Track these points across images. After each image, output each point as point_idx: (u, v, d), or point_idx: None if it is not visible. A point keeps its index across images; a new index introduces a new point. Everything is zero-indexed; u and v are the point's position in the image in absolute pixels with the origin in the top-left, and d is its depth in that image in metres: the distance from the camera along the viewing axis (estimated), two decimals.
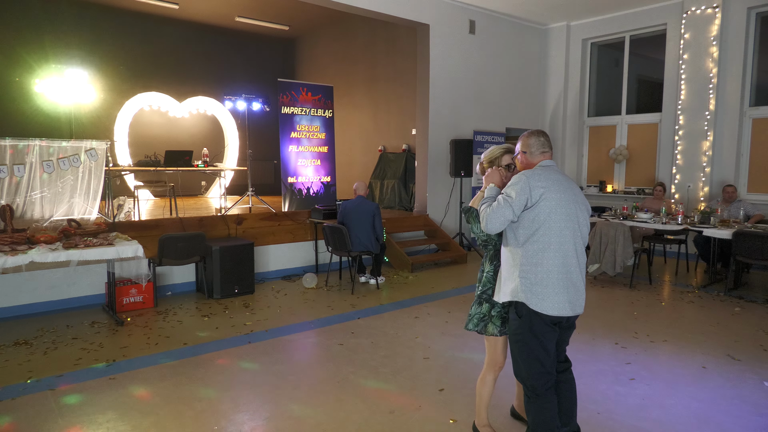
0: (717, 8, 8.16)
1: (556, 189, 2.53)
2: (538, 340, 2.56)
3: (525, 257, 2.53)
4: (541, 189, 2.50)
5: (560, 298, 2.51)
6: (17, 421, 3.25)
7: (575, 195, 2.61)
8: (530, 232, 2.52)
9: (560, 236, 2.51)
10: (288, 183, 8.36)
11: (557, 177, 2.59)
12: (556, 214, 2.50)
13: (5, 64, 9.91)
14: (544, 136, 2.71)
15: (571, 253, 2.54)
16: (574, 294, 2.55)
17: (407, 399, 3.54)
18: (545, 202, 2.49)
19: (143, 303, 5.69)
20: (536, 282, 2.51)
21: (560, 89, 10.41)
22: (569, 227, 2.53)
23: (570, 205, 2.55)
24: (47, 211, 5.68)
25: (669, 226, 6.71)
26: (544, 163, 2.65)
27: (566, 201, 2.54)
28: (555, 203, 2.51)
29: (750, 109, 8.21)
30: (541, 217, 2.50)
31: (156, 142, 11.02)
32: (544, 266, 2.50)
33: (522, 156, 2.72)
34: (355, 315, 5.49)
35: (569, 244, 2.53)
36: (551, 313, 2.50)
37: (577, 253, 2.57)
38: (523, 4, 9.15)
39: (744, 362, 4.19)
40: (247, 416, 3.31)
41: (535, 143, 2.68)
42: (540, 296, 2.50)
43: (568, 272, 2.53)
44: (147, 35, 11.85)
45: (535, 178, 2.53)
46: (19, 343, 4.61)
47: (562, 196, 2.53)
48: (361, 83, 11.83)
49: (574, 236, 2.56)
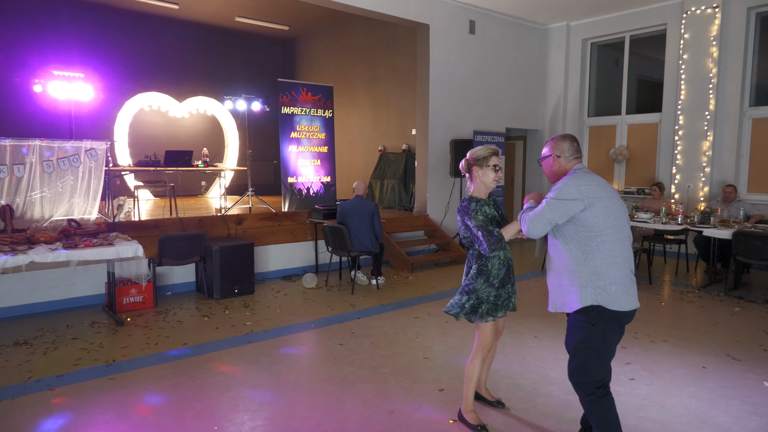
0: (717, 8, 8.16)
1: (604, 190, 2.56)
2: (608, 344, 2.58)
3: (593, 261, 2.52)
4: (593, 191, 2.52)
5: (631, 291, 2.56)
6: (17, 421, 3.25)
7: (617, 193, 2.66)
8: (593, 234, 2.52)
9: (619, 233, 2.54)
10: (288, 183, 8.36)
11: (599, 179, 2.62)
12: (613, 213, 2.53)
13: (5, 64, 9.91)
14: (576, 141, 2.74)
15: (628, 248, 2.59)
16: (635, 287, 2.62)
17: (407, 399, 3.54)
18: (600, 203, 2.51)
19: (143, 303, 5.69)
20: (611, 282, 2.51)
21: (560, 89, 10.41)
22: (624, 225, 2.58)
23: (618, 202, 2.60)
24: (47, 211, 5.67)
25: (669, 226, 6.71)
26: (578, 167, 2.68)
27: (615, 199, 2.59)
28: (609, 202, 2.54)
29: (750, 109, 8.21)
30: (599, 219, 2.50)
31: (156, 142, 11.03)
32: (614, 266, 2.52)
33: (554, 160, 2.72)
34: (355, 315, 5.49)
35: (626, 241, 2.58)
36: (629, 308, 2.53)
37: (630, 249, 2.63)
38: (523, 4, 9.16)
39: (744, 362, 4.19)
40: (247, 416, 3.31)
41: (569, 148, 2.70)
42: (616, 296, 2.51)
43: (630, 267, 2.59)
44: (147, 35, 11.85)
45: (583, 181, 2.55)
46: (19, 343, 4.61)
47: (611, 194, 2.58)
48: (361, 83, 11.83)
49: (628, 233, 2.60)
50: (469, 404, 3.15)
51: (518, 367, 4.08)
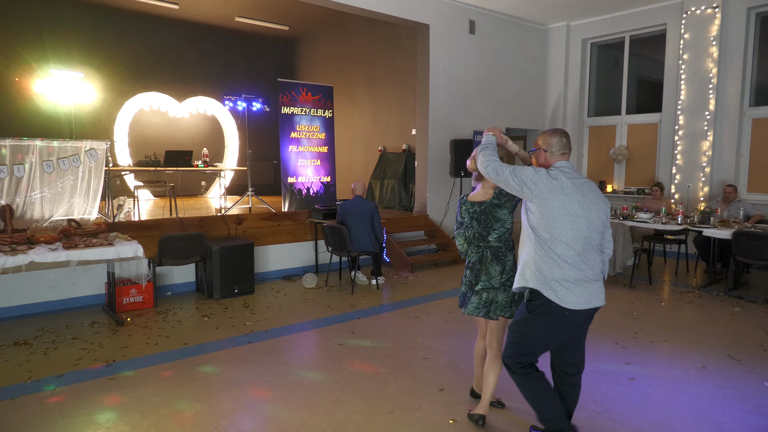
0: (717, 8, 8.16)
1: (565, 191, 2.59)
2: (544, 336, 2.72)
3: (540, 252, 2.63)
4: (547, 189, 2.59)
5: (577, 292, 2.58)
6: (17, 421, 3.25)
7: (585, 196, 2.63)
8: (542, 229, 2.61)
9: (566, 236, 2.58)
10: (288, 183, 8.36)
11: (567, 182, 2.62)
12: (561, 214, 2.57)
13: (5, 64, 9.91)
14: (566, 136, 2.74)
15: (580, 251, 2.59)
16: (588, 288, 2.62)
17: (407, 399, 3.54)
18: (551, 203, 2.58)
19: (143, 303, 5.69)
20: (554, 280, 2.59)
21: (560, 89, 10.41)
22: (577, 227, 2.59)
23: (575, 206, 2.59)
24: (47, 211, 5.68)
25: (669, 226, 6.71)
26: (559, 164, 2.69)
27: (578, 204, 2.59)
28: (561, 206, 2.57)
29: (750, 109, 8.20)
30: (547, 218, 2.58)
31: (156, 142, 11.02)
32: (558, 266, 2.59)
33: (542, 154, 2.75)
34: (355, 315, 5.49)
35: (580, 245, 2.59)
36: (571, 306, 2.58)
37: (590, 252, 2.63)
38: (523, 4, 9.15)
39: (744, 362, 4.19)
40: (247, 416, 3.31)
41: (557, 143, 2.71)
42: (558, 291, 2.58)
43: (582, 269, 2.59)
44: (147, 35, 11.85)
45: (544, 175, 2.63)
46: (19, 343, 4.61)
47: (574, 198, 2.59)
48: (361, 83, 11.83)
49: (584, 237, 2.60)
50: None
51: None
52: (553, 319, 2.64)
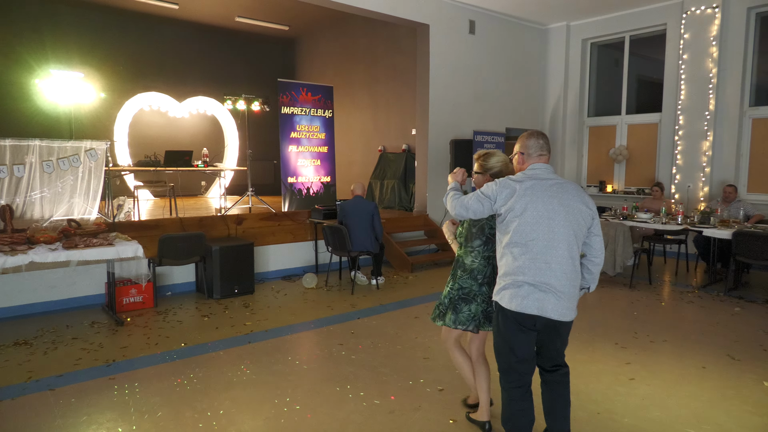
0: (717, 8, 8.16)
1: (529, 197, 2.50)
2: (507, 341, 2.63)
3: (501, 258, 2.61)
4: (508, 194, 2.53)
5: (525, 294, 2.48)
6: (17, 421, 3.25)
7: (555, 198, 2.51)
8: (502, 228, 2.58)
9: (530, 238, 2.48)
10: (288, 183, 8.36)
11: (534, 182, 2.54)
12: (529, 219, 2.48)
13: (5, 64, 9.91)
14: (543, 138, 2.67)
15: (538, 258, 2.47)
16: (545, 296, 2.48)
17: (407, 399, 3.54)
18: (516, 208, 2.50)
19: (143, 303, 5.69)
20: (507, 284, 2.54)
21: (560, 89, 10.41)
22: (537, 228, 2.48)
23: (539, 207, 2.49)
24: (47, 211, 5.68)
25: (669, 226, 6.71)
26: (534, 166, 2.62)
27: (543, 208, 2.49)
28: (528, 211, 2.48)
29: (750, 109, 8.21)
30: (509, 215, 2.52)
31: (156, 142, 11.02)
32: (512, 271, 2.52)
33: (519, 156, 2.70)
34: (355, 315, 5.49)
35: (542, 247, 2.47)
36: (517, 310, 2.50)
37: (544, 255, 2.48)
38: (523, 4, 9.15)
39: (744, 362, 4.19)
40: (247, 416, 3.31)
41: (534, 145, 2.65)
42: (507, 296, 2.53)
43: (536, 275, 2.48)
44: (147, 35, 11.85)
45: (506, 183, 2.57)
46: (19, 343, 4.61)
47: (540, 202, 2.49)
48: (361, 83, 11.83)
49: (550, 240, 2.47)
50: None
51: None
52: (504, 323, 2.57)
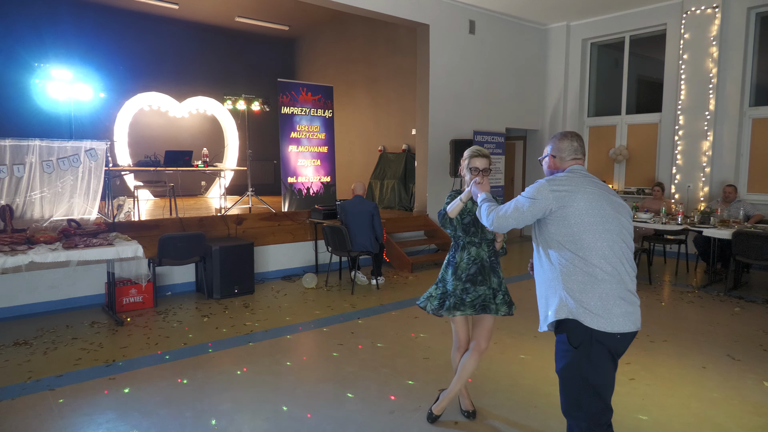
0: (717, 8, 8.15)
1: (584, 190, 2.24)
2: (598, 371, 2.18)
3: (572, 269, 2.19)
4: (565, 192, 2.22)
5: (616, 311, 2.13)
6: (17, 421, 3.25)
7: (610, 195, 2.30)
8: (567, 238, 2.20)
9: (602, 240, 2.17)
10: (288, 183, 8.36)
11: (583, 180, 2.28)
12: (590, 216, 2.19)
13: (5, 64, 9.91)
14: (578, 140, 2.42)
15: (615, 260, 2.18)
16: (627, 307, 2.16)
17: (407, 399, 3.54)
18: (575, 204, 2.20)
19: (143, 303, 5.69)
20: (591, 297, 2.15)
21: (560, 89, 10.41)
22: (610, 229, 2.20)
23: (605, 205, 2.23)
24: (47, 211, 5.67)
25: (669, 226, 6.71)
26: (573, 168, 2.37)
27: (600, 201, 2.23)
28: (586, 204, 2.20)
29: (750, 109, 8.20)
30: (572, 221, 2.19)
31: (156, 142, 11.02)
32: (595, 279, 2.15)
33: (551, 160, 2.44)
34: (355, 315, 5.49)
35: (612, 251, 2.18)
36: (610, 329, 2.11)
37: (622, 261, 2.20)
38: (523, 4, 9.15)
39: (744, 362, 4.19)
40: (247, 416, 3.31)
41: (568, 148, 2.40)
42: (596, 312, 2.13)
43: (621, 282, 2.17)
44: (147, 35, 11.85)
45: (556, 182, 2.27)
46: (19, 343, 4.61)
47: (593, 197, 2.23)
48: (361, 83, 11.83)
49: (620, 239, 2.22)
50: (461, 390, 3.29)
51: (517, 367, 4.08)
52: (598, 350, 2.14)
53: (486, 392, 3.61)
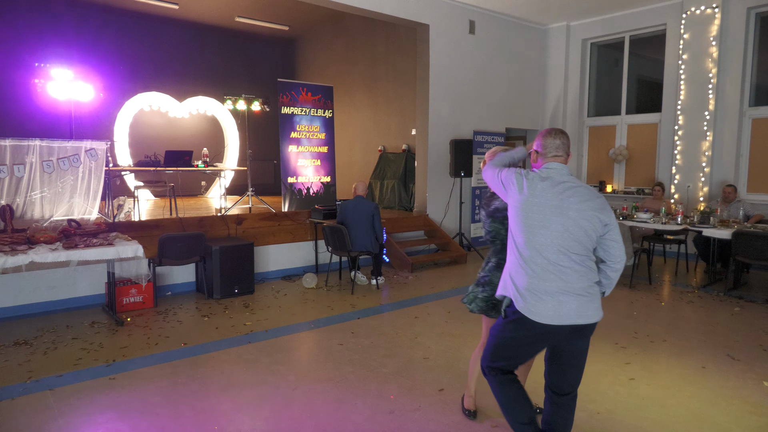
0: (717, 8, 8.16)
1: (544, 198, 2.41)
2: (518, 345, 2.59)
3: (509, 256, 2.58)
4: (525, 188, 2.46)
5: (542, 305, 2.41)
6: (17, 421, 3.25)
7: (565, 201, 2.41)
8: (514, 228, 2.53)
9: (535, 239, 2.42)
10: (288, 183, 8.36)
11: (543, 183, 2.45)
12: (536, 222, 2.42)
13: (5, 64, 9.91)
14: (561, 137, 2.54)
15: (549, 259, 2.41)
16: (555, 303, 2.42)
17: (407, 399, 3.54)
18: (526, 206, 2.44)
19: (143, 303, 5.69)
20: (520, 287, 2.47)
21: (560, 89, 10.41)
22: (545, 233, 2.40)
23: (547, 210, 2.41)
24: (47, 211, 5.67)
25: (669, 226, 6.71)
26: (548, 165, 2.51)
27: (546, 206, 2.41)
28: (536, 209, 2.42)
29: (750, 109, 8.21)
30: (519, 215, 2.48)
31: (156, 142, 11.02)
32: (522, 274, 2.47)
33: (533, 155, 2.61)
34: (355, 315, 5.49)
35: (547, 249, 2.40)
36: (537, 320, 2.41)
37: (557, 261, 2.41)
38: (523, 4, 9.16)
39: (744, 362, 4.19)
40: (247, 416, 3.31)
41: (550, 144, 2.53)
42: (526, 300, 2.44)
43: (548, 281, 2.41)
44: (147, 35, 11.85)
45: (528, 175, 2.51)
46: (19, 343, 4.61)
47: (548, 206, 2.41)
48: (361, 83, 11.83)
49: (556, 242, 2.40)
50: (471, 389, 3.30)
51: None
52: (523, 330, 2.48)
53: (487, 392, 3.61)
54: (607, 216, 2.47)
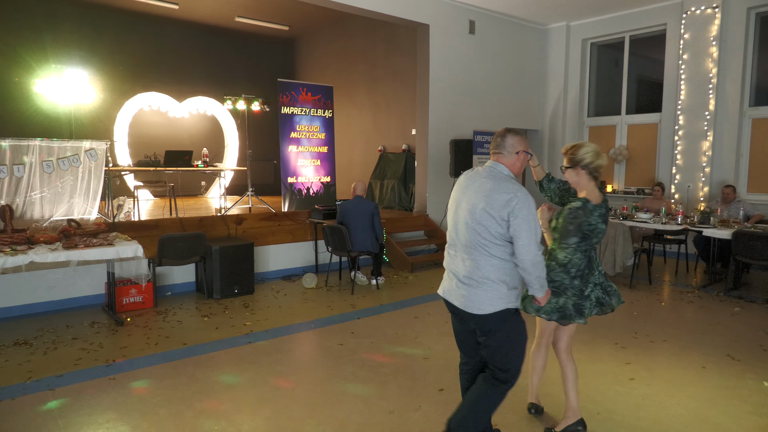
0: (717, 8, 8.16)
1: (459, 188, 2.70)
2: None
3: None
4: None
5: (444, 283, 2.77)
6: (17, 421, 3.25)
7: (467, 189, 2.63)
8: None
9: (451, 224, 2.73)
10: (288, 183, 8.36)
11: (463, 175, 2.76)
12: (452, 211, 2.72)
13: (5, 64, 9.91)
14: (499, 136, 2.72)
15: (451, 237, 2.71)
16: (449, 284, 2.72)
17: (407, 399, 3.54)
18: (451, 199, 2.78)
19: (143, 303, 5.69)
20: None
21: (560, 89, 10.41)
22: (451, 215, 2.72)
23: (454, 195, 2.72)
24: (47, 211, 5.68)
25: (669, 227, 6.71)
26: (489, 163, 2.75)
27: (456, 192, 2.71)
28: (453, 202, 2.73)
29: (750, 110, 8.21)
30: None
31: (156, 142, 11.02)
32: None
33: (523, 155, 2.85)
34: (355, 315, 5.49)
35: (452, 229, 2.71)
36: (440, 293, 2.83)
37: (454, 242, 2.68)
38: (523, 4, 9.15)
39: (744, 362, 4.19)
40: (247, 416, 3.31)
41: (491, 143, 2.81)
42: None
43: (449, 264, 2.73)
44: (147, 35, 11.85)
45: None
46: (19, 343, 4.61)
47: (460, 193, 2.68)
48: (361, 83, 11.83)
49: (452, 225, 2.70)
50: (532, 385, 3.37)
51: None
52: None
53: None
54: (498, 206, 2.62)
